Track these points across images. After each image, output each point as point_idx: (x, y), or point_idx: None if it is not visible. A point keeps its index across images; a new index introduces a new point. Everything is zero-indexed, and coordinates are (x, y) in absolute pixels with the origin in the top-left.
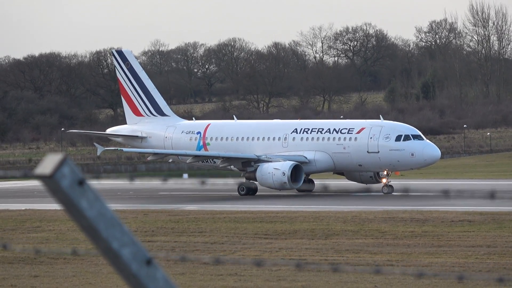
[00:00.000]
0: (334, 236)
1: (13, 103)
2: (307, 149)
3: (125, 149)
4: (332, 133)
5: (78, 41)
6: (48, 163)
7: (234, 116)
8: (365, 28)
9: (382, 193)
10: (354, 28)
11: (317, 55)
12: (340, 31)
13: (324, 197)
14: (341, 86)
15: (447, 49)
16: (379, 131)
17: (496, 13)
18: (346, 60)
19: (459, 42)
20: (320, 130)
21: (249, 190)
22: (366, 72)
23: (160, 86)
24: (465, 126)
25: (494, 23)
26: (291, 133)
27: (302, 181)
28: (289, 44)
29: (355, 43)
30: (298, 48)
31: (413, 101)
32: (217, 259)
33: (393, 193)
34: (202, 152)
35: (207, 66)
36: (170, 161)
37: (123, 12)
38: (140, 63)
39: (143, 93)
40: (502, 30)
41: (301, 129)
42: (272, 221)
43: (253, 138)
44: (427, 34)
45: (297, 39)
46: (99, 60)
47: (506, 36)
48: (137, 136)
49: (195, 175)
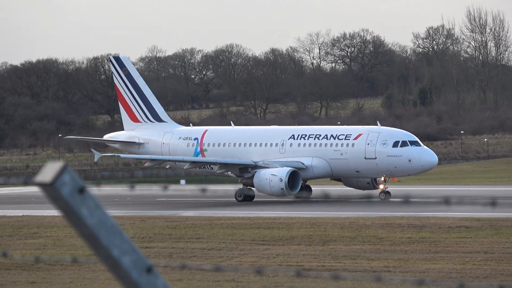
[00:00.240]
0: (332, 242)
1: (10, 109)
2: (304, 155)
3: (122, 155)
4: (330, 139)
5: (75, 47)
6: (49, 171)
7: (231, 122)
8: (362, 34)
9: (380, 199)
10: (352, 34)
11: (315, 61)
12: (338, 37)
13: (321, 203)
14: (339, 92)
15: (445, 55)
16: (377, 137)
17: (493, 19)
18: (344, 66)
19: (456, 48)
20: (318, 136)
21: (246, 196)
22: (364, 78)
23: (157, 92)
24: (462, 132)
25: (491, 29)
26: (289, 139)
27: (300, 187)
28: (286, 50)
29: (353, 49)
30: (296, 54)
31: (410, 107)
32: (217, 267)
33: (390, 199)
34: (200, 158)
35: (204, 72)
36: (168, 167)
37: (120, 18)
38: (137, 69)
39: (140, 99)
40: (499, 36)
41: (299, 135)
42: (270, 227)
43: (250, 144)
44: (424, 40)
45: (294, 45)
46: (96, 66)
47: (504, 42)
48: (134, 142)
49: (192, 181)
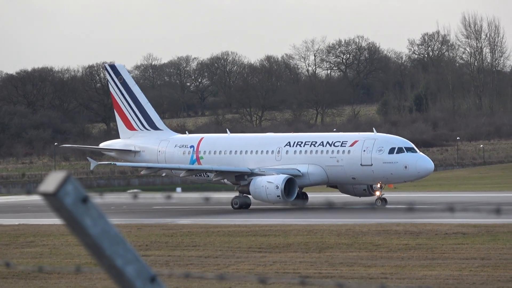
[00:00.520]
0: (328, 249)
1: (6, 118)
2: (300, 162)
3: (118, 163)
4: (325, 146)
5: (70, 55)
6: (52, 181)
7: (227, 129)
8: (357, 41)
9: (376, 206)
10: (347, 41)
11: (310, 68)
12: (333, 44)
13: (317, 210)
14: (334, 99)
15: (440, 62)
16: (372, 144)
17: (488, 25)
18: (339, 73)
19: (451, 54)
20: (313, 143)
21: (242, 204)
22: (359, 85)
23: (153, 100)
24: (458, 138)
25: (486, 35)
26: (284, 146)
27: (296, 194)
28: (281, 57)
29: (348, 56)
30: (291, 61)
31: (406, 113)
32: (221, 276)
33: (386, 206)
34: (196, 166)
35: (200, 80)
36: (164, 175)
37: (115, 27)
38: (133, 77)
39: (136, 107)
40: (494, 42)
41: (294, 142)
42: (266, 234)
43: (246, 152)
44: (419, 47)
45: (289, 52)
46: (92, 75)
47: (499, 48)
48: (130, 150)
49: (188, 189)
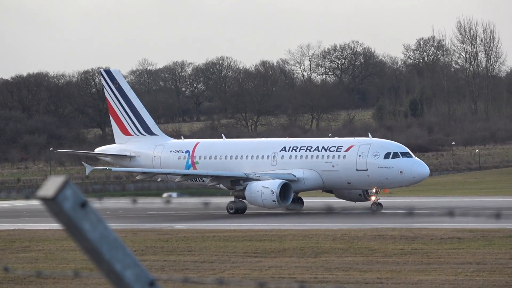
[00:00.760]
0: (324, 254)
1: (1, 123)
2: (295, 167)
3: (113, 168)
4: (321, 151)
5: (66, 60)
6: (51, 186)
7: (222, 134)
8: (353, 46)
9: (371, 211)
10: (342, 46)
11: (305, 73)
12: (328, 49)
13: (313, 215)
14: (329, 104)
15: (435, 67)
16: (368, 148)
17: (484, 30)
18: (334, 78)
19: (447, 59)
20: (309, 148)
21: (238, 209)
22: (354, 90)
23: (148, 105)
24: (453, 143)
25: (482, 40)
26: (280, 151)
27: (291, 199)
28: (277, 62)
29: (343, 61)
30: (286, 66)
31: (401, 118)
32: (220, 280)
33: (382, 211)
34: (191, 171)
35: (195, 85)
36: (159, 180)
37: (111, 32)
38: (128, 82)
39: (131, 112)
40: (490, 47)
41: (290, 147)
42: (262, 239)
43: (241, 157)
44: (415, 52)
45: (285, 57)
46: (87, 80)
47: (494, 53)
48: (125, 156)
49: (184, 194)
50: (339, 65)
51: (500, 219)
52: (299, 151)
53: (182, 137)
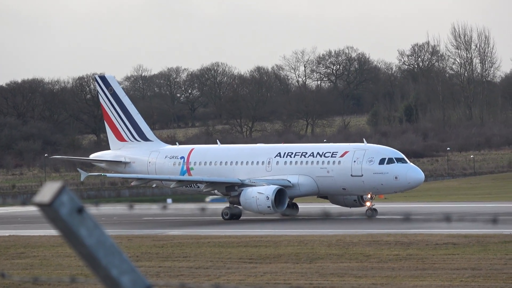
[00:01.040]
0: (319, 260)
1: None
2: (290, 173)
3: (108, 174)
4: (316, 157)
5: (60, 67)
6: (47, 191)
7: (217, 140)
8: (347, 51)
9: (366, 216)
10: (337, 52)
11: (300, 79)
12: (323, 55)
13: (308, 221)
14: (324, 109)
15: (430, 72)
16: (363, 154)
17: (478, 36)
18: (329, 84)
19: (441, 65)
20: (304, 154)
21: (233, 215)
22: (349, 96)
23: (143, 111)
24: (448, 148)
25: (476, 46)
26: (275, 157)
27: (286, 205)
28: (272, 68)
29: (338, 66)
30: (281, 72)
31: (396, 124)
32: (217, 286)
33: (377, 216)
34: (186, 177)
35: (190, 91)
36: (154, 186)
37: (105, 38)
38: (123, 88)
39: (126, 118)
40: (484, 52)
41: (285, 153)
42: (257, 245)
43: (236, 163)
44: (409, 57)
45: (280, 63)
46: (82, 86)
47: (489, 59)
48: (120, 162)
49: (179, 200)
50: (334, 71)
51: (496, 225)
52: (294, 157)
53: (177, 143)
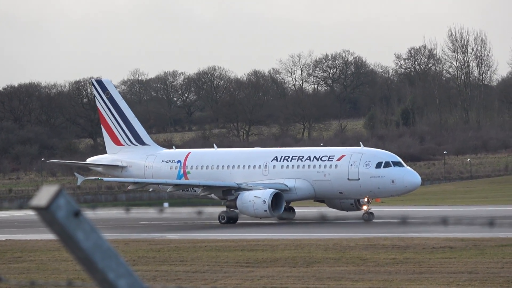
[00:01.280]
0: (316, 263)
1: None
2: (287, 177)
3: (105, 178)
4: (313, 160)
5: (57, 71)
6: (44, 195)
7: (214, 144)
8: (344, 55)
9: (363, 220)
10: (333, 56)
11: (297, 83)
12: (320, 59)
13: (305, 224)
14: (321, 113)
15: (427, 76)
16: (360, 158)
17: (475, 39)
18: (326, 88)
19: (438, 69)
20: (301, 157)
21: (229, 219)
22: (346, 99)
23: (139, 115)
24: (445, 152)
25: (473, 49)
26: (272, 161)
27: (283, 209)
28: (268, 72)
29: (335, 70)
30: (278, 76)
31: (393, 127)
32: None
33: (373, 220)
34: (183, 181)
35: (186, 95)
36: (151, 190)
37: (102, 42)
38: (119, 92)
39: (123, 122)
40: (481, 56)
41: (281, 157)
42: (253, 249)
43: (233, 166)
44: (406, 61)
45: (276, 67)
46: (78, 90)
47: (485, 62)
48: (117, 166)
49: (176, 204)
50: (330, 75)
51: (493, 228)
52: (290, 160)
53: (173, 147)
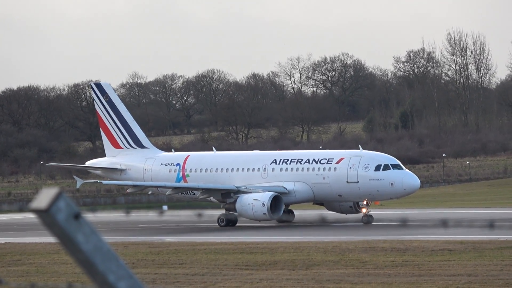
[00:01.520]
0: (315, 266)
1: None
2: (286, 180)
3: (104, 181)
4: (312, 163)
5: (56, 74)
6: (44, 197)
7: (213, 147)
8: (343, 58)
9: (362, 223)
10: (332, 59)
11: (296, 86)
12: (318, 62)
13: (304, 227)
14: (320, 116)
15: (425, 79)
16: (358, 161)
17: (473, 42)
18: (325, 90)
19: (437, 71)
20: (300, 160)
21: (228, 222)
22: (345, 102)
23: (138, 118)
24: (444, 155)
25: (472, 52)
26: (271, 164)
27: (282, 211)
28: (267, 75)
29: (333, 73)
30: (277, 79)
31: (392, 130)
32: None
33: (372, 223)
34: (182, 184)
35: (185, 98)
36: (150, 193)
37: (101, 45)
38: (118, 95)
39: (122, 126)
40: (480, 59)
41: (280, 159)
42: (253, 252)
43: (232, 169)
44: (405, 64)
45: (275, 70)
46: (77, 93)
47: (484, 65)
48: (116, 169)
49: (175, 206)
50: (329, 78)
51: (492, 231)
52: (289, 163)
53: (172, 150)
